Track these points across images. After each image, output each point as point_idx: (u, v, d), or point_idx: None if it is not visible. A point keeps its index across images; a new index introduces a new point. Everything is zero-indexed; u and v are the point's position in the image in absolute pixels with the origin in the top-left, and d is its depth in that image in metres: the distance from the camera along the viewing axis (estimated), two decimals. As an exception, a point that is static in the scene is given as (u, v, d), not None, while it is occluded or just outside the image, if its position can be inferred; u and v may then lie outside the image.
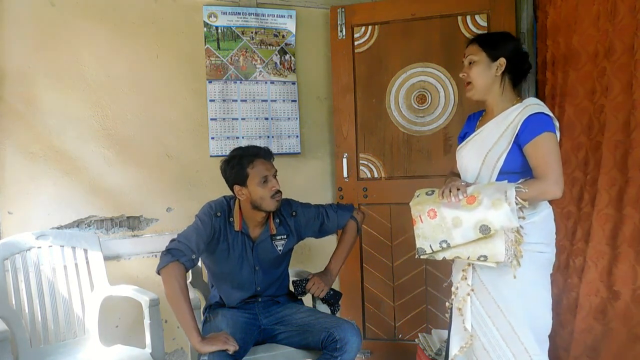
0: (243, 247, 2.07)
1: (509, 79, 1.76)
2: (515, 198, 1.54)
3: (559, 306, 2.17)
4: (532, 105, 1.68)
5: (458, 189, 1.61)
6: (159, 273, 1.89)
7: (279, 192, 2.02)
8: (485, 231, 1.54)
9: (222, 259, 2.06)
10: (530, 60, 2.68)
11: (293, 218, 2.16)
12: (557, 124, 1.68)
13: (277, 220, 2.13)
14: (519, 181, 1.61)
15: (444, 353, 2.33)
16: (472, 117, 1.93)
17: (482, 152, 1.72)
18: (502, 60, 1.73)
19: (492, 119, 1.76)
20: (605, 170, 2.00)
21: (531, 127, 1.64)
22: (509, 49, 1.75)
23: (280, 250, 2.13)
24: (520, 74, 1.79)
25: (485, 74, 1.75)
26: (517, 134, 1.66)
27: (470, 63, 1.77)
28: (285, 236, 2.14)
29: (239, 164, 2.00)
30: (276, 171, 2.05)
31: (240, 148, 2.08)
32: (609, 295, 2.00)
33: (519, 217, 1.56)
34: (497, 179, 1.68)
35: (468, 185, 1.65)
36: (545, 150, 1.61)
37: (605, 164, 2.00)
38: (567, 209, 2.19)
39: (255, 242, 2.09)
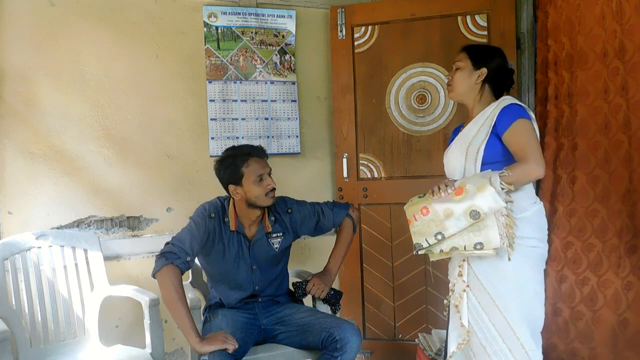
0: (239, 246, 2.07)
1: (489, 88, 1.86)
2: (500, 183, 1.60)
3: (593, 302, 2.17)
4: (507, 99, 1.79)
5: (446, 185, 1.69)
6: (154, 277, 1.89)
7: (273, 189, 2.03)
8: (476, 216, 1.61)
9: (218, 260, 2.06)
10: (530, 61, 2.69)
11: (288, 215, 2.16)
12: (532, 115, 1.77)
13: (273, 218, 2.13)
14: (503, 169, 1.67)
15: (444, 353, 2.34)
16: (457, 130, 2.02)
17: (463, 147, 1.81)
18: (484, 70, 1.84)
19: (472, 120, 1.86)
20: (634, 166, 2.01)
21: (506, 116, 1.72)
22: (493, 62, 1.85)
23: (277, 248, 2.13)
24: (501, 88, 1.89)
25: (466, 80, 1.86)
26: (494, 125, 1.74)
27: (456, 69, 1.88)
28: (281, 234, 2.14)
29: (233, 163, 2.00)
30: (270, 169, 2.05)
31: (233, 147, 2.08)
32: (623, 286, 2.01)
33: (508, 201, 1.63)
34: (481, 170, 1.75)
35: (456, 181, 1.73)
36: (522, 135, 1.68)
37: (632, 160, 2.01)
38: (592, 207, 2.18)
39: (252, 241, 2.09)
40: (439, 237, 1.67)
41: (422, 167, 2.81)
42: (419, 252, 1.72)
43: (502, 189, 1.60)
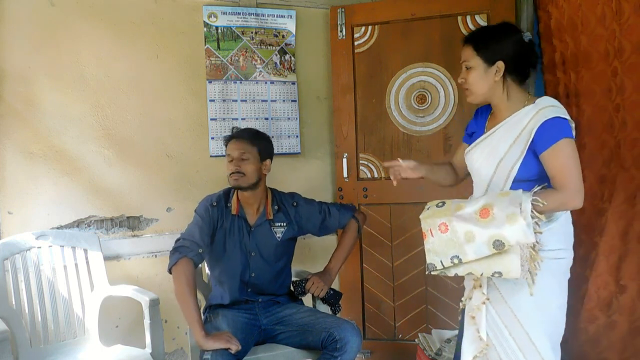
0: (240, 231, 2.11)
1: (512, 79, 1.64)
2: (532, 211, 1.46)
3: (610, 306, 2.15)
4: (547, 107, 1.56)
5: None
6: (170, 272, 1.95)
7: (235, 173, 2.07)
8: (500, 247, 1.46)
9: (219, 246, 2.09)
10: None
11: (294, 208, 2.19)
12: (573, 125, 1.57)
13: (276, 207, 2.17)
14: (535, 188, 1.53)
15: (444, 353, 2.33)
16: (480, 113, 1.81)
17: (494, 160, 1.63)
18: (500, 64, 1.60)
19: (502, 121, 1.65)
20: (625, 166, 2.01)
21: (548, 133, 1.52)
22: (507, 49, 1.60)
23: (279, 237, 2.14)
24: (526, 69, 1.65)
25: (483, 80, 1.63)
26: (532, 141, 1.55)
27: (467, 68, 1.65)
28: (285, 224, 2.16)
29: (224, 144, 2.18)
30: (243, 153, 2.08)
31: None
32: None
33: (536, 232, 1.48)
34: (512, 187, 1.59)
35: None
36: (564, 159, 1.51)
37: (624, 161, 2.01)
38: (599, 206, 2.18)
39: (253, 226, 2.12)
40: (455, 260, 1.53)
41: (422, 167, 2.81)
42: (432, 273, 1.59)
43: (532, 217, 1.45)
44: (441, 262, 1.56)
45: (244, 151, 2.08)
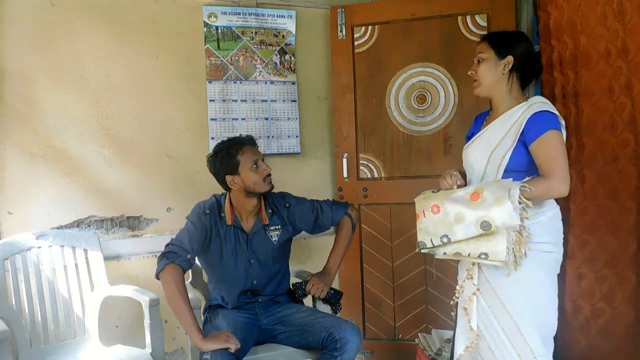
0: (236, 240, 2.08)
1: (517, 78, 1.76)
2: (519, 197, 1.53)
3: (612, 299, 2.16)
4: (538, 103, 1.68)
5: (451, 176, 1.71)
6: (158, 278, 1.92)
7: (270, 174, 2.07)
8: (486, 227, 1.55)
9: (216, 256, 2.08)
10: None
11: (286, 209, 2.18)
12: (562, 122, 1.68)
13: (270, 211, 2.15)
14: (525, 179, 1.61)
15: (444, 353, 2.33)
16: (479, 118, 1.93)
17: (487, 151, 1.73)
18: (510, 58, 1.73)
19: (497, 117, 1.76)
20: None
21: (536, 125, 1.63)
22: (518, 48, 1.75)
23: (275, 241, 2.14)
24: (529, 75, 1.79)
25: (492, 71, 1.75)
26: (522, 132, 1.66)
27: (479, 61, 1.78)
28: (279, 227, 2.15)
29: (228, 153, 2.04)
30: (263, 156, 2.11)
31: (223, 141, 2.11)
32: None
33: (523, 217, 1.56)
34: (503, 177, 1.68)
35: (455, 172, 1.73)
36: (551, 149, 1.61)
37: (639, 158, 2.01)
38: (603, 205, 2.18)
39: (249, 234, 2.10)
40: (445, 239, 1.63)
41: (422, 167, 2.81)
42: (422, 251, 1.69)
43: (520, 203, 1.53)
44: (431, 240, 1.66)
45: (262, 154, 2.10)
